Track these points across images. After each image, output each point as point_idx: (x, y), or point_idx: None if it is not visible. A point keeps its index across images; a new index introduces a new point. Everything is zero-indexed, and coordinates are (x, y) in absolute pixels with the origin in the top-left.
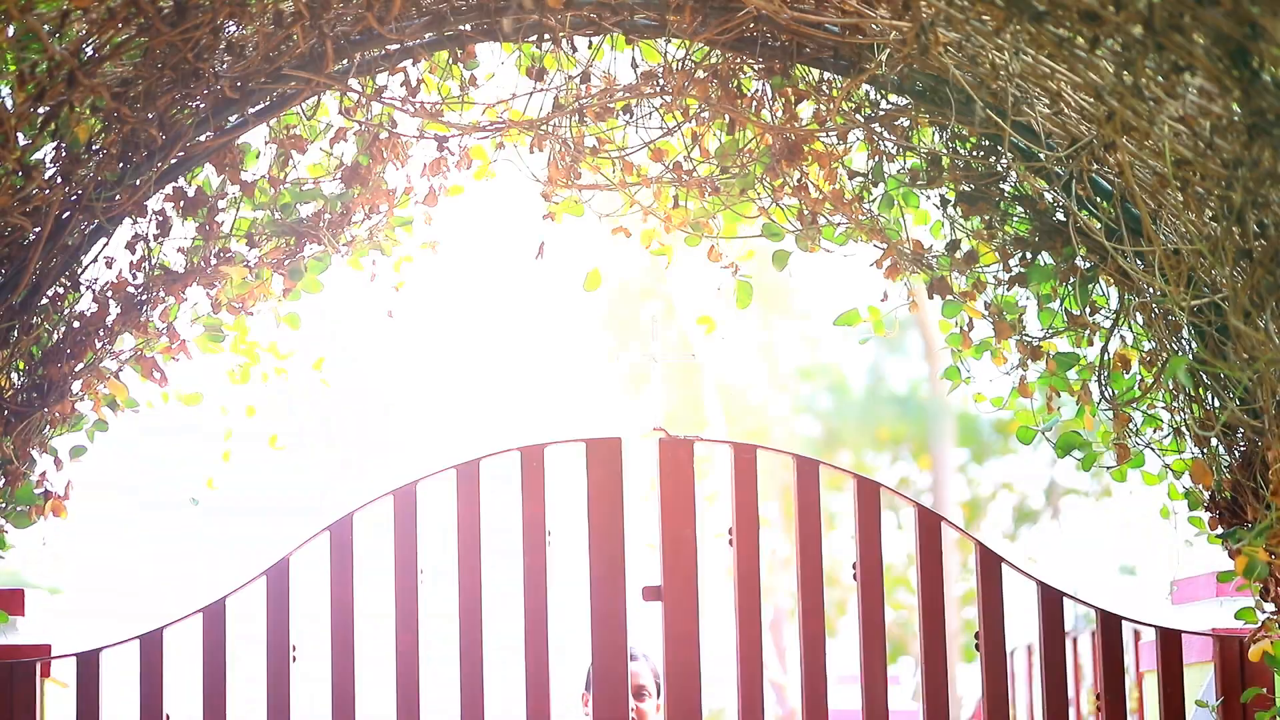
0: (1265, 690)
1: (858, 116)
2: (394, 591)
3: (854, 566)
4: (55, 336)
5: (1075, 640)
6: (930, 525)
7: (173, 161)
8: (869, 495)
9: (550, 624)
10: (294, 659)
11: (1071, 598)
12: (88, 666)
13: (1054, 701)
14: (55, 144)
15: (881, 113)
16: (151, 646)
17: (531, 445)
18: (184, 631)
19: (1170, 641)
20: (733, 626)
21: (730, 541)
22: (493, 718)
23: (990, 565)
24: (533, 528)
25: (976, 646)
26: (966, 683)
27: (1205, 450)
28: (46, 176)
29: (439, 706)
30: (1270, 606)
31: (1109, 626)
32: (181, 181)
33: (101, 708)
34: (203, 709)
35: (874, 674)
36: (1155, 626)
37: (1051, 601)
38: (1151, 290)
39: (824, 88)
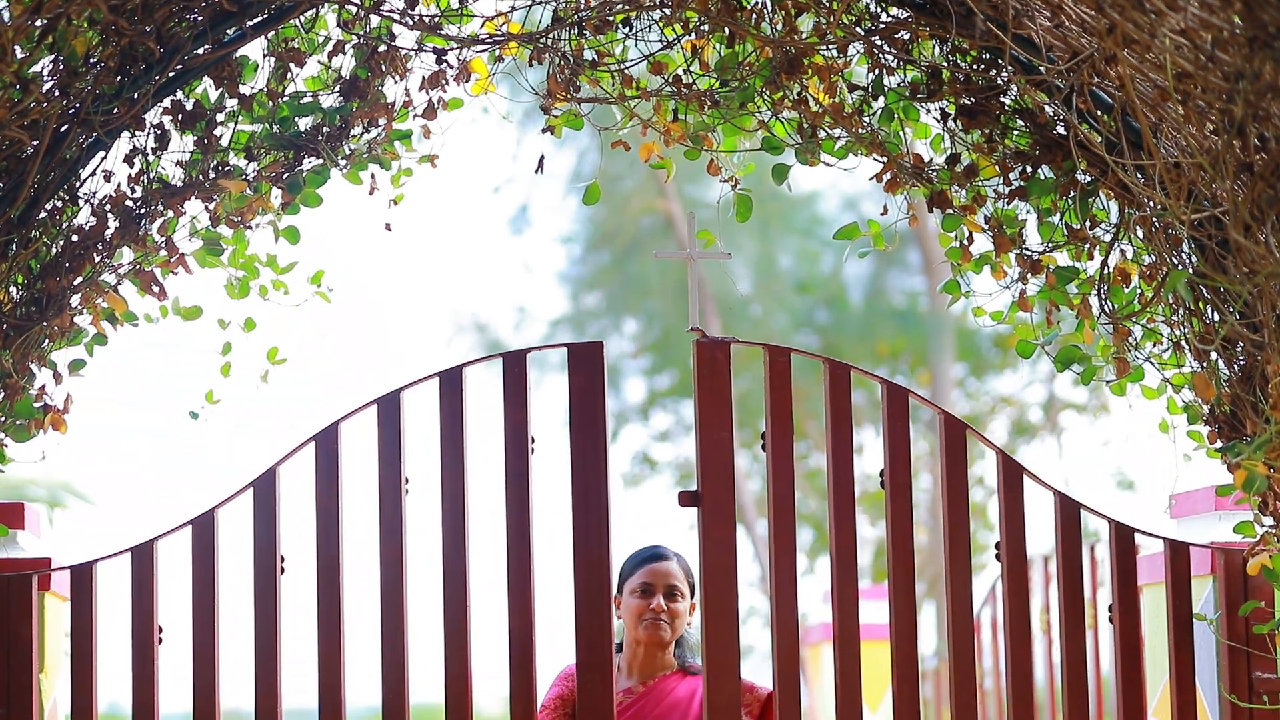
0: (1264, 604)
1: (858, 29)
2: (378, 500)
3: (881, 474)
4: (54, 250)
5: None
6: (955, 432)
7: (171, 75)
8: (898, 401)
9: (534, 531)
10: (282, 570)
11: (1088, 509)
12: (82, 579)
13: (1071, 612)
14: (53, 57)
15: (881, 26)
16: (143, 558)
17: (514, 350)
18: (179, 544)
19: (1180, 554)
20: (768, 533)
21: (763, 446)
22: (478, 626)
23: (1012, 474)
24: (515, 434)
25: (997, 557)
26: None
27: (1205, 364)
28: (44, 90)
29: (425, 615)
30: (1269, 520)
31: (1123, 538)
32: (180, 95)
33: (98, 620)
34: (192, 620)
35: (902, 584)
36: (1165, 539)
37: (1069, 512)
38: (1152, 204)
39: (824, 1)
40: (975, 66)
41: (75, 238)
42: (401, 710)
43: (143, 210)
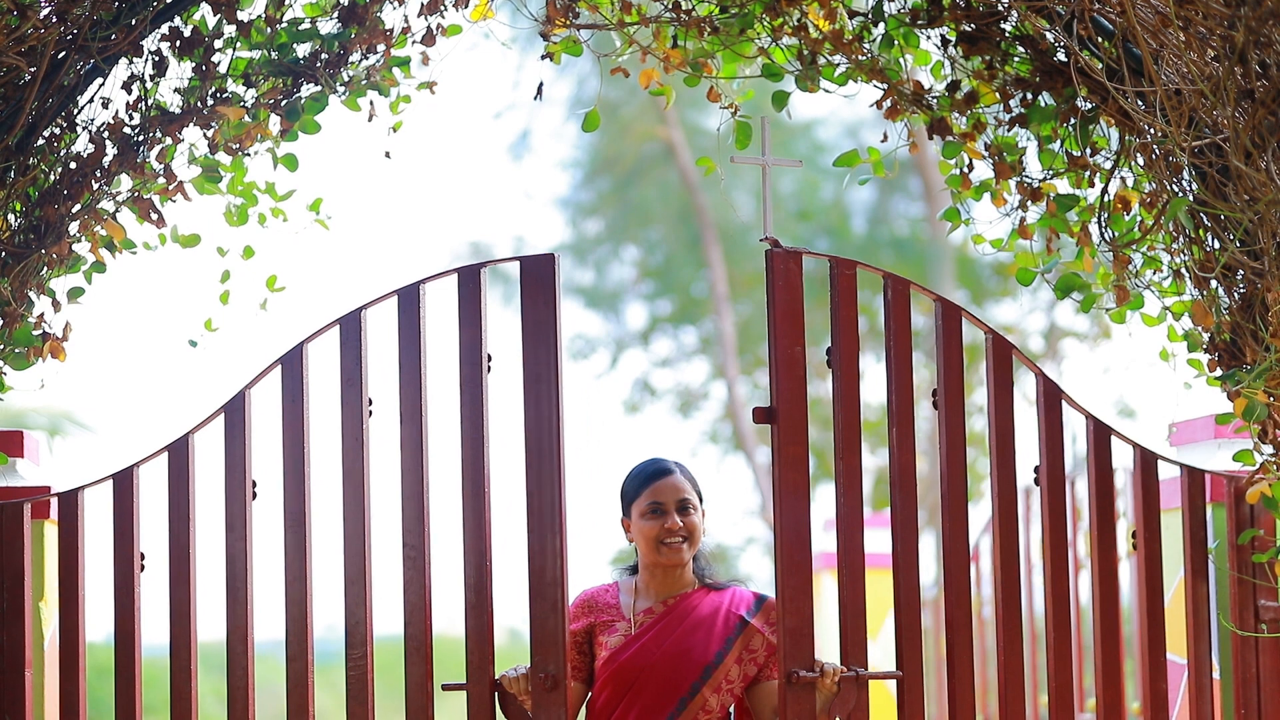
0: (1262, 532)
1: None
2: (340, 421)
3: (934, 394)
4: (52, 177)
5: (1074, 482)
6: (1002, 353)
7: (168, 1)
8: (952, 319)
9: (489, 450)
10: (254, 495)
11: (1118, 434)
12: (68, 506)
13: (1103, 535)
14: None
15: None
16: (124, 485)
17: (468, 265)
18: (163, 470)
19: (1195, 481)
20: (834, 451)
21: (828, 361)
22: (438, 546)
23: (1052, 397)
24: (470, 351)
25: (1036, 481)
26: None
27: (1205, 292)
28: (42, 16)
29: (387, 538)
30: (1268, 448)
31: (1147, 464)
32: (177, 21)
33: (84, 547)
34: (169, 546)
35: (956, 503)
36: (1183, 465)
37: (1101, 436)
38: (1152, 131)
39: None
40: None
41: (73, 165)
42: (363, 631)
43: (141, 137)
